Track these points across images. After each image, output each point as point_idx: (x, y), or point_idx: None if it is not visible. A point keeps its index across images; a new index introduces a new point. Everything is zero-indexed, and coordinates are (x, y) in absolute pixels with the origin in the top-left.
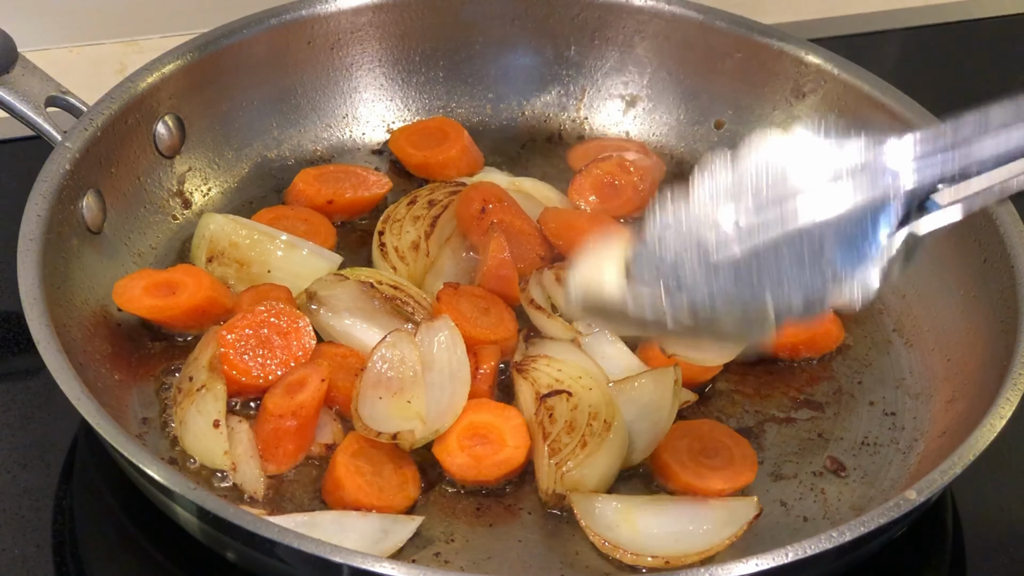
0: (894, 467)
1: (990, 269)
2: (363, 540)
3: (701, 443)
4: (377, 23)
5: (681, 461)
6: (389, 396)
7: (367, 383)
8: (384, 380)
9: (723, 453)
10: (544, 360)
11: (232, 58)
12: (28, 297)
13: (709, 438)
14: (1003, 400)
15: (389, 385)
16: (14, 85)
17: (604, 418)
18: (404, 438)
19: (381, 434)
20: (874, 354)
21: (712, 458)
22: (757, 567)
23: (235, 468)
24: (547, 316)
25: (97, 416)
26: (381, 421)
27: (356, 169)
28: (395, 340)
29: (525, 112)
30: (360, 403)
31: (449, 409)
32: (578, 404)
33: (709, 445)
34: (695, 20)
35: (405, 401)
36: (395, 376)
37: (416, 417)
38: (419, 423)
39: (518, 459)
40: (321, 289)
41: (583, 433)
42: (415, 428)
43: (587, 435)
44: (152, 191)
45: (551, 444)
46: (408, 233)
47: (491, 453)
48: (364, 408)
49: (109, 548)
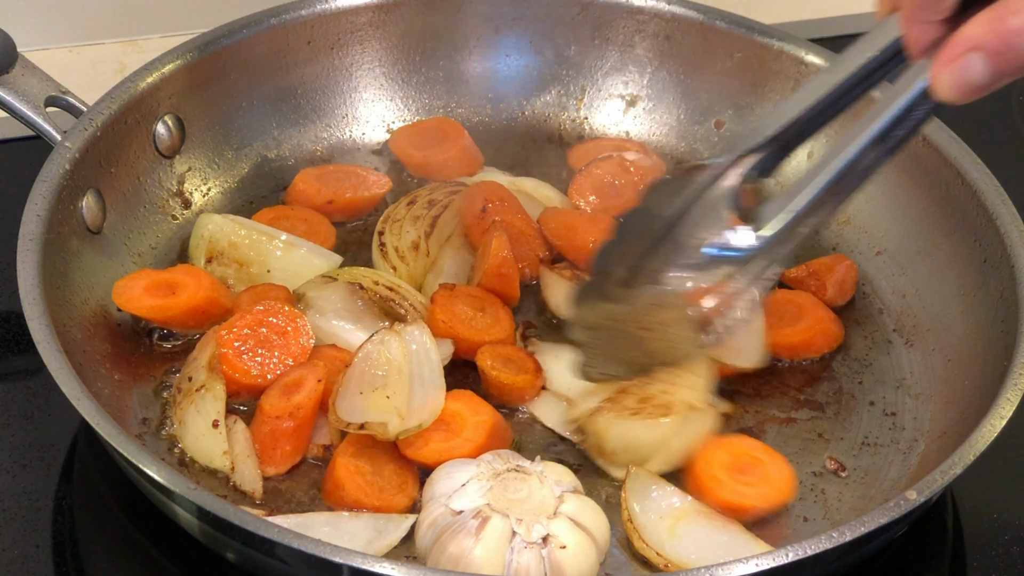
0: (894, 467)
1: (990, 269)
2: (357, 539)
3: (736, 459)
4: (377, 23)
5: (717, 478)
6: (370, 391)
7: (350, 378)
8: (367, 377)
9: (759, 470)
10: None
11: (232, 58)
12: (28, 297)
13: (744, 454)
14: (1003, 400)
15: (372, 382)
16: (14, 85)
17: (666, 406)
18: (373, 428)
19: (350, 424)
20: (874, 354)
21: (748, 475)
22: (757, 567)
23: (234, 468)
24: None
25: (97, 416)
26: (356, 413)
27: (356, 169)
28: (382, 338)
29: (525, 112)
30: (339, 397)
31: (427, 406)
32: (661, 391)
33: (745, 462)
34: (695, 20)
35: (384, 397)
36: (379, 373)
37: (394, 411)
38: (396, 418)
39: (464, 451)
40: (309, 290)
41: (644, 406)
42: (389, 421)
43: (644, 408)
44: (152, 191)
45: (616, 395)
46: (408, 233)
47: (444, 439)
48: (342, 402)
49: (109, 548)
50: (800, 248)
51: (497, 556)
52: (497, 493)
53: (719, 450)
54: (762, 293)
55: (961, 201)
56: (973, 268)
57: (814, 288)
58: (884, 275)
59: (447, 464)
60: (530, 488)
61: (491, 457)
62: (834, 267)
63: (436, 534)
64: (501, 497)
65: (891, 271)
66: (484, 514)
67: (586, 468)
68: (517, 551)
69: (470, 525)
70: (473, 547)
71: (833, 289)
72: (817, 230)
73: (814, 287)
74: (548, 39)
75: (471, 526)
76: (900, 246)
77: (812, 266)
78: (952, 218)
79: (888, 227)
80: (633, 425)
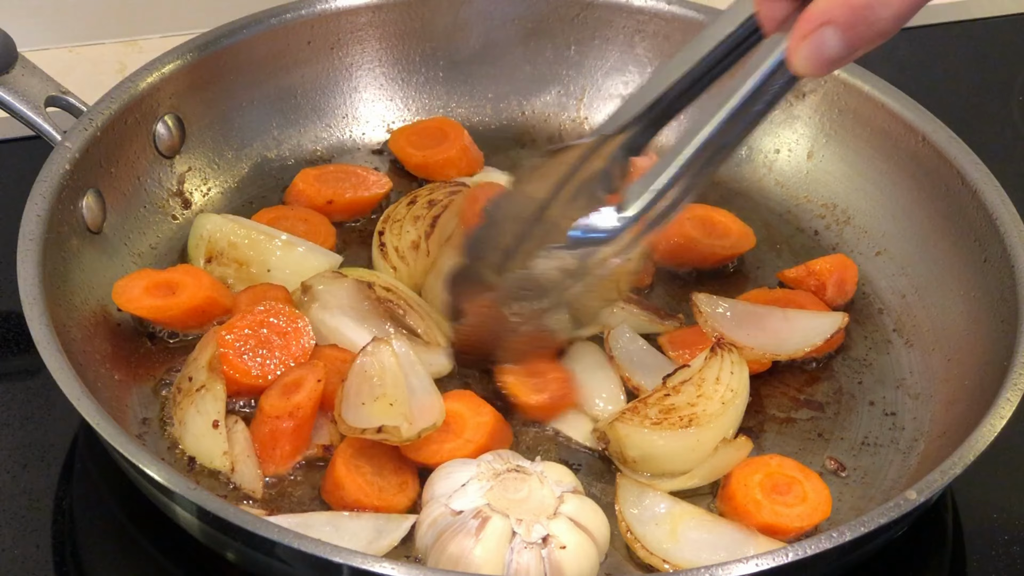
0: (894, 467)
1: (990, 269)
2: (357, 540)
3: (771, 479)
4: (377, 23)
5: (757, 501)
6: (371, 401)
7: (349, 391)
8: (366, 387)
9: (796, 489)
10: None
11: (232, 58)
12: (28, 297)
13: (779, 474)
14: (1003, 400)
15: (371, 391)
16: (14, 85)
17: (689, 418)
18: (390, 432)
19: (366, 430)
20: (874, 354)
21: (786, 495)
22: (757, 567)
23: (234, 469)
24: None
25: (97, 416)
26: (365, 419)
27: (356, 169)
28: (374, 349)
29: (525, 112)
30: (344, 408)
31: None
32: (687, 403)
33: (781, 482)
34: (695, 20)
35: (387, 404)
36: (377, 383)
37: (401, 416)
38: (404, 422)
39: (466, 451)
40: (318, 283)
41: (667, 417)
42: (401, 425)
43: (666, 419)
44: (152, 191)
45: (638, 404)
46: (408, 233)
47: (445, 439)
48: (348, 412)
49: (109, 548)
50: (800, 248)
51: (497, 556)
52: (497, 493)
53: (754, 471)
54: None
55: (961, 201)
56: (973, 268)
57: (814, 288)
58: (884, 275)
59: (447, 464)
60: (530, 488)
61: (491, 457)
62: (834, 267)
63: (436, 534)
64: (501, 497)
65: (891, 271)
66: (484, 514)
67: (586, 468)
68: (517, 551)
69: (470, 525)
70: (473, 547)
71: (833, 289)
72: (681, 205)
73: (814, 287)
74: (548, 39)
75: (471, 526)
76: (900, 246)
77: (812, 266)
78: (952, 218)
79: (888, 227)
80: (653, 435)
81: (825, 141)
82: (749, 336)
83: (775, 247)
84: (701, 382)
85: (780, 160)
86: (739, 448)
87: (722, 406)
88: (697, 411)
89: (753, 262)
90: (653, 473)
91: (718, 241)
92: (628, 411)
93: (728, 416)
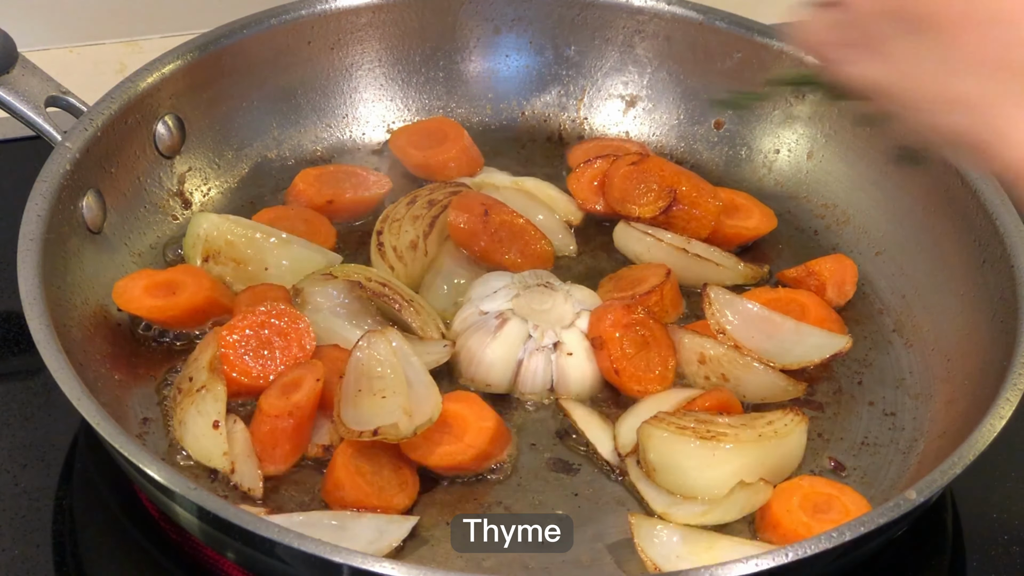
0: (894, 467)
1: (990, 269)
2: (358, 540)
3: (809, 499)
4: (377, 23)
5: (806, 523)
6: (369, 395)
7: (347, 387)
8: (364, 381)
9: (836, 505)
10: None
11: (232, 58)
12: (28, 297)
13: (815, 493)
14: (1003, 400)
15: (370, 386)
16: (14, 85)
17: (721, 436)
18: (386, 432)
19: (363, 432)
20: (874, 354)
21: (829, 512)
22: (757, 567)
23: (234, 469)
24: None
25: (97, 416)
26: (363, 420)
27: (356, 169)
28: (369, 342)
29: (525, 112)
30: (343, 408)
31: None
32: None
33: (820, 501)
34: (695, 20)
35: (387, 396)
36: (375, 376)
37: (400, 410)
38: (404, 416)
39: (466, 456)
40: (308, 286)
41: (699, 426)
42: (399, 421)
43: (696, 429)
44: (152, 191)
45: (678, 410)
46: (407, 232)
47: (445, 441)
48: (346, 412)
49: (109, 548)
50: (800, 248)
51: (509, 353)
52: (523, 302)
53: (790, 495)
54: None
55: (961, 201)
56: (973, 268)
57: (814, 288)
58: (884, 275)
59: (488, 274)
60: (554, 302)
61: (528, 273)
62: (834, 267)
63: (463, 329)
64: (525, 306)
65: (891, 271)
66: (505, 316)
67: (586, 468)
68: (529, 352)
69: (491, 324)
70: (490, 343)
71: (833, 289)
72: None
73: (814, 287)
74: (548, 39)
75: (491, 325)
76: (900, 246)
77: (812, 266)
78: (952, 218)
79: (888, 227)
80: (674, 440)
81: (825, 141)
82: (752, 339)
83: (775, 247)
84: (754, 416)
85: (780, 160)
86: (756, 492)
87: (757, 438)
88: (729, 433)
89: (753, 262)
90: (665, 486)
91: (742, 223)
92: (664, 412)
93: (758, 451)
